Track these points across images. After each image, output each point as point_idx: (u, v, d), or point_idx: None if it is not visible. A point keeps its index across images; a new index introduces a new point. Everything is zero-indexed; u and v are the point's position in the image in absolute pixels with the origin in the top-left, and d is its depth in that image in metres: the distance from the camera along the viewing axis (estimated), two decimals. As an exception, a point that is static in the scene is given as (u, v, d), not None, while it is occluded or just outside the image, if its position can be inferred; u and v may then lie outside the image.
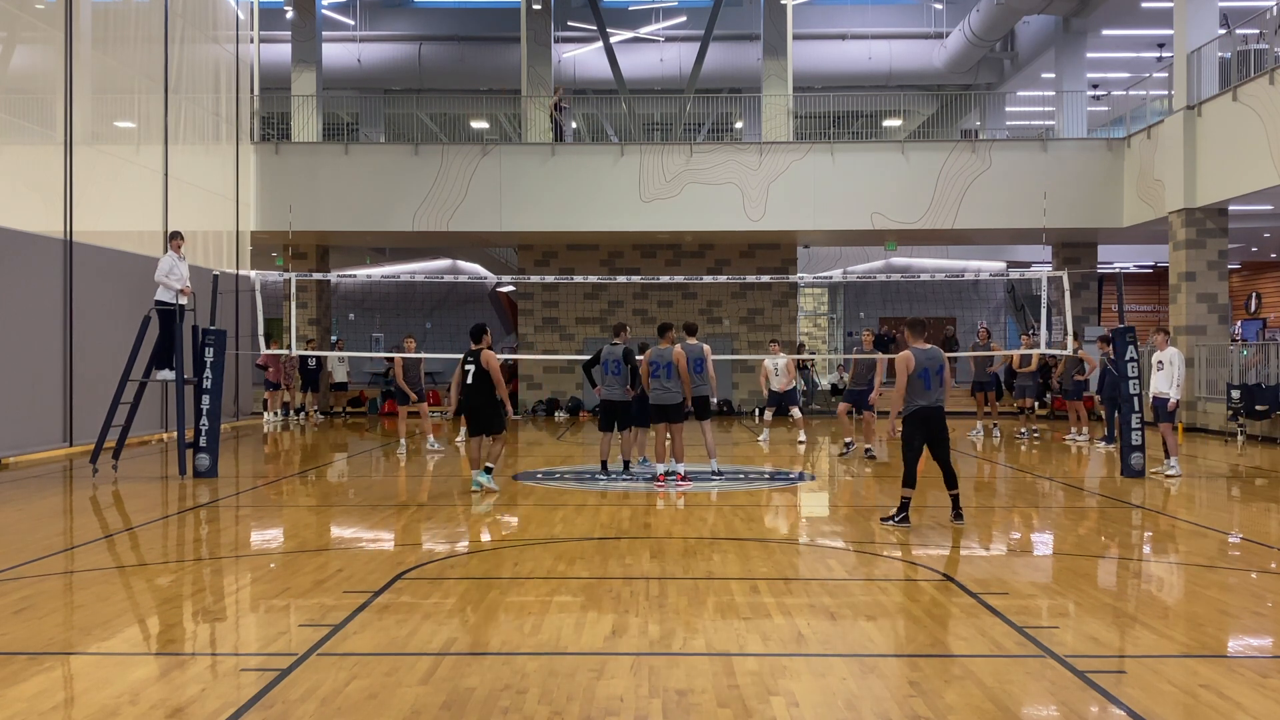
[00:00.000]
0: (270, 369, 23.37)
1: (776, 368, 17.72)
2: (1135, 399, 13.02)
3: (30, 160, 15.81)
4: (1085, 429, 18.70)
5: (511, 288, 30.66)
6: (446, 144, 24.11)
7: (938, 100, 32.68)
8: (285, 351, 20.32)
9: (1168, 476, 12.93)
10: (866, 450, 15.56)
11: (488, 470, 11.33)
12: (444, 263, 31.51)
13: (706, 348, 12.94)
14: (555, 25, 27.46)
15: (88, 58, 16.94)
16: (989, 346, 20.45)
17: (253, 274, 16.81)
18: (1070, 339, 16.68)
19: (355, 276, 29.00)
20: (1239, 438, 17.84)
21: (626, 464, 13.17)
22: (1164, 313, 30.20)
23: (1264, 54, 18.96)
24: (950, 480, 9.40)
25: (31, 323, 15.13)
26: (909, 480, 9.25)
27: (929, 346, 9.29)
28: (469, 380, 11.24)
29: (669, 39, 30.23)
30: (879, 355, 16.14)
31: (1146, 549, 8.82)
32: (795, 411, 18.03)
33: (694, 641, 5.70)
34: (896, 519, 9.28)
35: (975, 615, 6.24)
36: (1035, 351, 18.23)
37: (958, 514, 9.39)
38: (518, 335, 28.26)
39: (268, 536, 9.43)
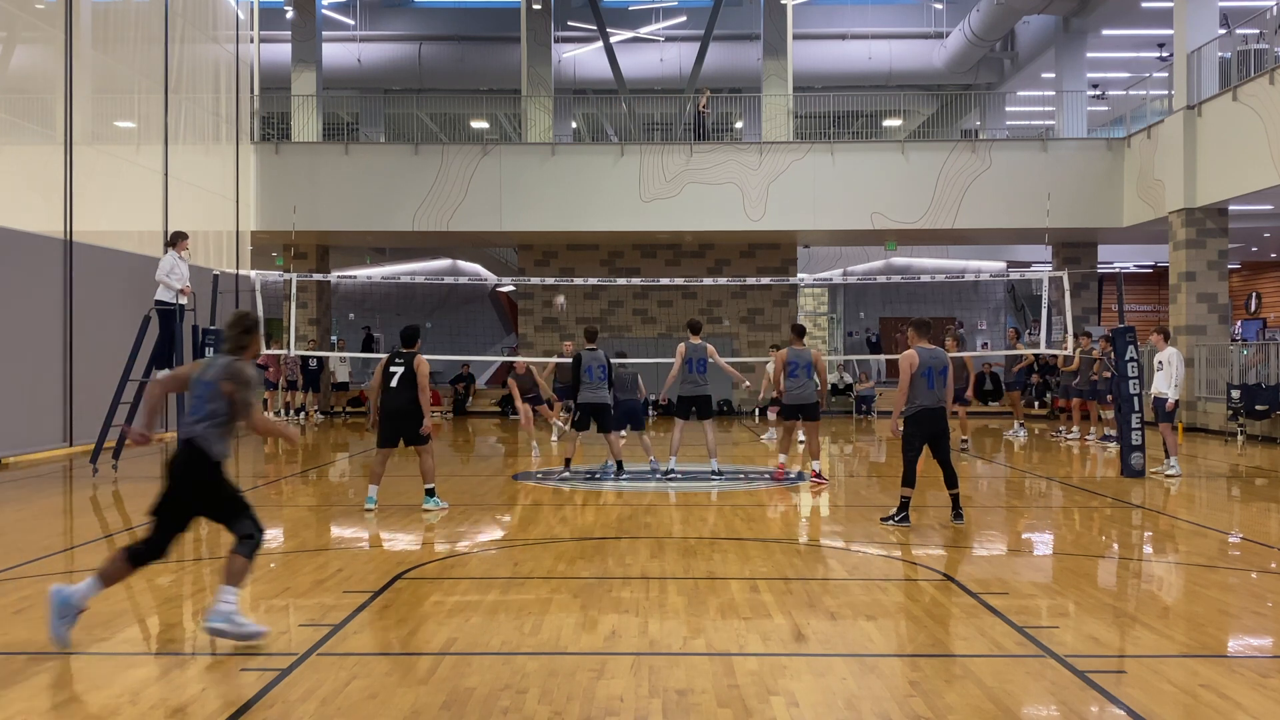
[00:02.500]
0: (270, 369, 23.38)
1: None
2: (1135, 399, 13.03)
3: (30, 160, 15.81)
4: (1075, 428, 18.68)
5: (511, 288, 30.66)
6: (446, 144, 24.12)
7: (938, 100, 32.68)
8: (285, 351, 20.33)
9: (1168, 476, 12.93)
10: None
11: (429, 492, 10.31)
12: (444, 263, 31.50)
13: (710, 347, 12.98)
14: (555, 25, 27.46)
15: (88, 58, 16.94)
16: (1015, 348, 20.40)
17: (253, 274, 16.81)
18: (1070, 338, 16.67)
19: (355, 277, 29.00)
20: (1239, 438, 17.84)
21: (620, 464, 13.19)
22: (1164, 313, 30.20)
23: (1264, 54, 18.96)
24: (950, 479, 9.40)
25: (31, 323, 15.13)
26: (909, 480, 9.26)
27: (933, 347, 9.30)
28: (393, 384, 10.07)
29: (669, 39, 30.23)
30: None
31: (1147, 549, 8.82)
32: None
33: (694, 641, 5.70)
34: (896, 518, 9.29)
35: (975, 615, 6.24)
36: (1078, 353, 18.10)
37: (958, 514, 9.40)
38: (518, 335, 28.27)
39: (268, 536, 9.41)
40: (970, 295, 33.53)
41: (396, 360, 10.14)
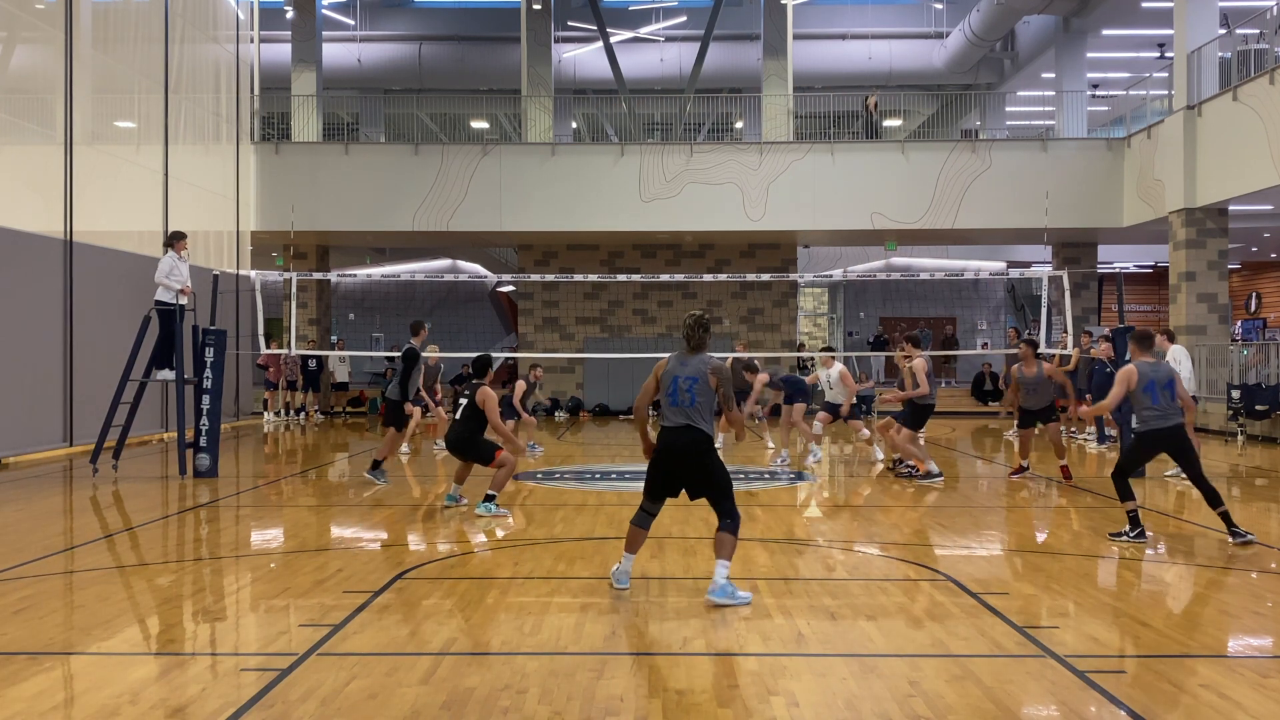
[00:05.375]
0: (270, 369, 23.39)
1: (830, 380, 14.77)
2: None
3: (30, 160, 15.81)
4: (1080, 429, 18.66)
5: (511, 287, 30.66)
6: (446, 144, 24.12)
7: (938, 100, 32.68)
8: (284, 351, 20.32)
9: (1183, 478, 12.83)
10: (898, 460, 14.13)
11: (488, 497, 10.16)
12: (444, 262, 31.51)
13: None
14: (555, 25, 27.46)
15: (88, 58, 16.94)
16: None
17: (253, 274, 16.81)
18: (1069, 338, 16.65)
19: (355, 276, 28.99)
20: (1239, 438, 17.83)
21: (378, 463, 12.30)
22: (1164, 313, 30.20)
23: (1264, 54, 18.96)
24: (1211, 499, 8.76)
25: (31, 323, 15.13)
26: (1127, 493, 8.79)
27: (1152, 360, 8.89)
28: (458, 414, 10.18)
29: (669, 39, 30.23)
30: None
31: (1147, 549, 8.81)
32: (864, 430, 15.62)
33: (694, 641, 5.70)
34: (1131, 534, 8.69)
35: (975, 615, 6.24)
36: (1076, 351, 17.95)
37: (1233, 532, 8.62)
38: (518, 335, 28.27)
39: (268, 536, 9.43)
40: (970, 295, 33.52)
41: (465, 392, 10.20)
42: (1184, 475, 12.65)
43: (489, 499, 10.01)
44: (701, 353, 6.76)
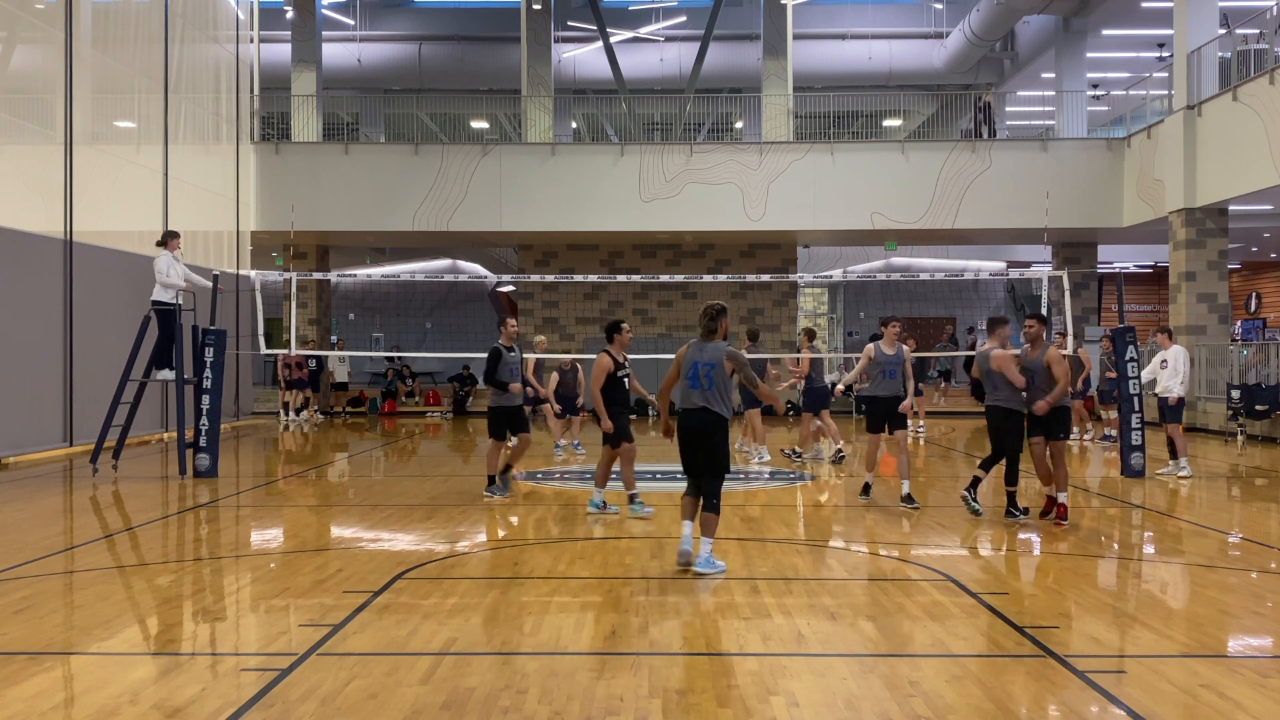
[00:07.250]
0: (303, 368, 23.46)
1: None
2: (1135, 399, 13.02)
3: (30, 160, 15.81)
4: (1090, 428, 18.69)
5: (511, 287, 30.67)
6: (446, 144, 24.11)
7: (938, 100, 32.67)
8: (285, 351, 20.34)
9: (1180, 478, 12.86)
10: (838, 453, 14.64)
11: (631, 499, 9.78)
12: (444, 263, 31.52)
13: (905, 348, 11.29)
14: (555, 25, 27.46)
15: (88, 58, 16.95)
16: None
17: (253, 274, 16.81)
18: (1069, 339, 16.63)
19: (355, 276, 28.98)
20: (1239, 438, 17.83)
21: (507, 469, 11.24)
22: (1164, 313, 30.20)
23: (1264, 54, 18.96)
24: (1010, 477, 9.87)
25: (31, 323, 15.13)
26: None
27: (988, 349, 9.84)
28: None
29: (669, 39, 30.23)
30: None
31: (1147, 549, 8.82)
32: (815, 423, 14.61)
33: (694, 641, 5.70)
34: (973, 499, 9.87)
35: (975, 615, 6.24)
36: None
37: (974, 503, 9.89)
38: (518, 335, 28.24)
39: (268, 536, 9.43)
40: (970, 295, 33.51)
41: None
42: (1173, 474, 12.81)
43: (632, 500, 9.83)
44: (715, 340, 7.33)
